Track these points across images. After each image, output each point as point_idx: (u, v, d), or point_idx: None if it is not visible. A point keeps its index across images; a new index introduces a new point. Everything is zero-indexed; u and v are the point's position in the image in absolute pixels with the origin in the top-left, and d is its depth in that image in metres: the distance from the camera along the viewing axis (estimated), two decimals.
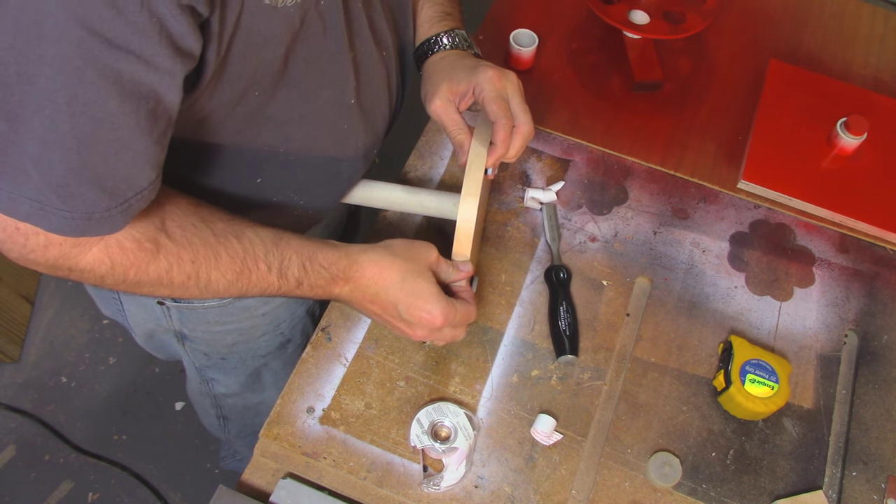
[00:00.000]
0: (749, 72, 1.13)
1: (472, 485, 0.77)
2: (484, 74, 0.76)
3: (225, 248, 0.64)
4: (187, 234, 0.62)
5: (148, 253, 0.60)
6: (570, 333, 0.85)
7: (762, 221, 0.99)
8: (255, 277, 0.66)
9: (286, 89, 0.66)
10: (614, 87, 1.10)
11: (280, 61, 0.62)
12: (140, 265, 0.60)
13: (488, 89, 0.76)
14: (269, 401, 1.12)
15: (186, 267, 0.62)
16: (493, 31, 1.12)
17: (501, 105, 0.76)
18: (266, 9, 0.56)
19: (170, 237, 0.61)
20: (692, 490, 0.79)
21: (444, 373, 0.83)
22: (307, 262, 0.69)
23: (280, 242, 0.68)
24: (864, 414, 0.84)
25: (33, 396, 1.72)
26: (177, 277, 0.62)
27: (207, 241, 0.63)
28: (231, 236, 0.65)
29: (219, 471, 1.64)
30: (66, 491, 1.60)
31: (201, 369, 1.04)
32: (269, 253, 0.67)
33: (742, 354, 0.82)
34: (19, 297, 1.78)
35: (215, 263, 0.64)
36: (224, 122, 0.65)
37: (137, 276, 0.61)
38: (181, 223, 0.62)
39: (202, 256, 0.63)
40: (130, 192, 0.55)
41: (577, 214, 0.97)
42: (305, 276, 0.69)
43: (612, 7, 1.06)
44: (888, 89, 1.13)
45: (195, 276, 0.63)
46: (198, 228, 0.63)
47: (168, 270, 0.61)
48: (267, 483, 0.77)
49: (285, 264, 0.68)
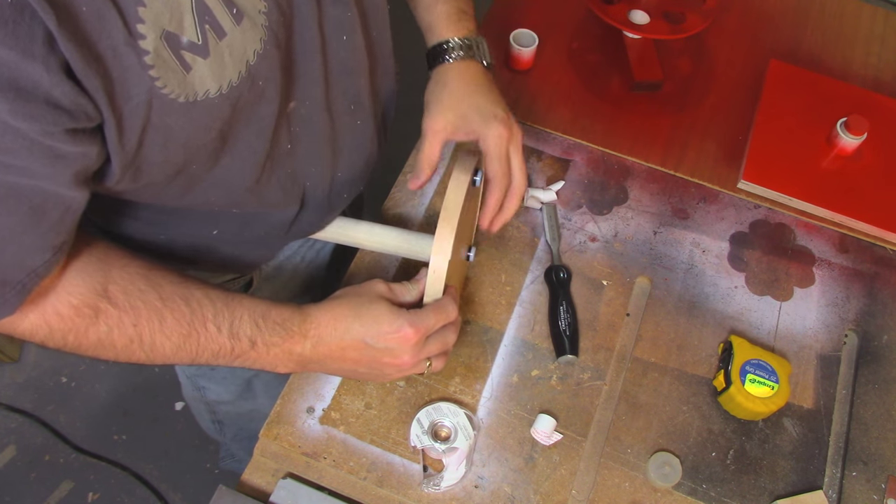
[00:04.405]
0: (749, 72, 1.13)
1: (472, 485, 0.77)
2: (495, 130, 0.75)
3: (171, 310, 0.62)
4: (131, 299, 0.60)
5: (86, 318, 0.59)
6: (570, 333, 0.85)
7: (762, 221, 0.99)
8: (203, 339, 0.63)
9: (228, 157, 0.63)
10: (614, 87, 1.10)
11: (216, 141, 0.59)
12: (79, 330, 0.59)
13: (493, 147, 0.75)
14: (262, 408, 1.12)
15: (128, 330, 0.60)
16: (493, 31, 1.12)
17: (503, 167, 0.76)
18: (181, 106, 0.52)
19: (111, 302, 0.59)
20: (692, 490, 0.79)
21: (444, 373, 0.83)
22: (260, 320, 0.66)
23: (231, 303, 0.65)
24: (864, 414, 0.84)
25: (33, 396, 1.72)
26: (118, 340, 0.61)
27: (153, 304, 0.61)
28: (178, 298, 0.62)
29: (219, 471, 1.65)
30: (66, 491, 1.60)
31: (192, 377, 1.04)
32: (219, 313, 0.64)
33: (742, 354, 0.82)
34: None
35: (159, 327, 0.61)
36: (164, 191, 0.63)
37: (77, 341, 0.59)
38: (125, 288, 0.60)
39: (145, 320, 0.61)
40: (22, 274, 0.53)
41: (577, 214, 0.97)
42: (259, 335, 0.65)
43: (612, 7, 1.06)
44: (888, 89, 1.13)
45: (138, 339, 0.61)
46: (143, 293, 0.61)
47: (108, 334, 0.60)
48: (267, 483, 0.77)
49: (236, 324, 0.65)
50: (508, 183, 0.77)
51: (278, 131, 0.65)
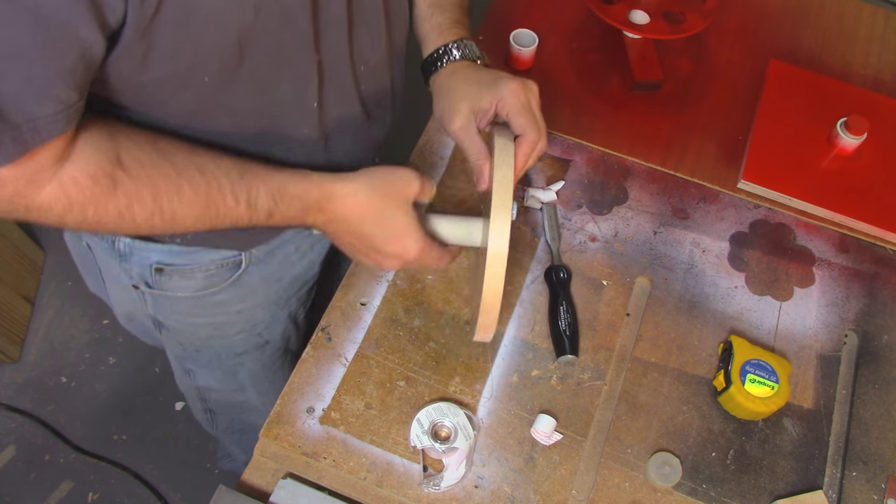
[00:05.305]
0: (749, 72, 1.13)
1: (472, 485, 0.77)
2: (507, 87, 0.74)
3: (188, 181, 0.62)
4: (145, 169, 0.61)
5: (105, 189, 0.59)
6: (570, 333, 0.85)
7: (762, 221, 0.99)
8: (222, 210, 0.65)
9: (242, 82, 0.64)
10: (614, 87, 1.10)
11: (232, 48, 0.60)
12: (98, 202, 0.59)
13: (512, 101, 0.74)
14: (253, 401, 1.12)
15: (148, 203, 0.61)
16: (493, 31, 1.12)
17: (528, 116, 0.74)
18: None
19: (127, 173, 0.60)
20: (692, 490, 0.78)
21: (444, 373, 0.83)
22: (276, 194, 0.67)
23: (246, 174, 0.66)
24: (864, 414, 0.84)
25: (33, 396, 1.72)
26: (139, 214, 0.61)
27: (168, 175, 0.62)
28: (193, 168, 0.63)
29: (219, 471, 1.65)
30: (66, 491, 1.60)
31: (180, 359, 1.03)
32: (236, 185, 0.65)
33: (742, 354, 0.82)
34: (19, 297, 1.78)
35: (178, 199, 0.62)
36: (171, 101, 0.63)
37: (97, 215, 0.59)
38: (138, 157, 0.61)
39: (163, 191, 0.61)
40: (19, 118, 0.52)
41: (577, 214, 0.97)
42: (276, 208, 0.67)
43: (612, 7, 1.06)
44: (888, 89, 1.13)
45: (158, 212, 0.62)
46: (156, 162, 0.61)
47: (129, 207, 0.60)
48: (267, 483, 0.77)
49: (253, 195, 0.66)
50: (538, 135, 0.75)
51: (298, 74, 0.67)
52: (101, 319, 1.83)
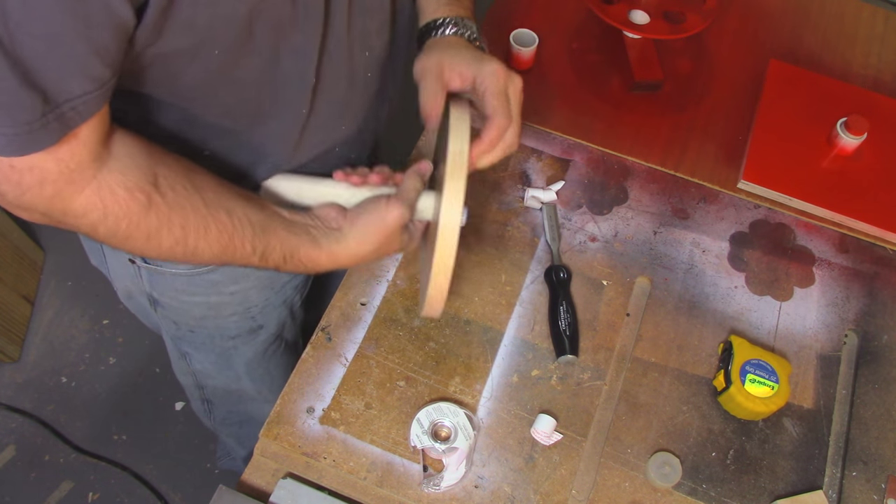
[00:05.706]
0: (749, 72, 1.13)
1: (472, 485, 0.77)
2: (490, 66, 0.73)
3: (215, 220, 0.65)
4: (179, 198, 0.62)
5: (139, 205, 0.60)
6: (570, 333, 0.85)
7: (762, 221, 0.99)
8: (238, 255, 0.68)
9: (251, 57, 0.64)
10: (614, 87, 1.10)
11: (242, 21, 0.60)
12: (132, 217, 0.60)
13: (491, 81, 0.72)
14: (248, 389, 1.13)
15: (176, 231, 0.63)
16: (493, 31, 1.12)
17: (503, 102, 0.73)
18: None
19: (162, 196, 0.61)
20: (692, 490, 0.79)
21: (444, 373, 0.83)
22: (288, 255, 0.70)
23: (267, 230, 0.69)
24: (864, 414, 0.84)
25: (33, 396, 1.72)
26: (166, 240, 0.63)
27: (198, 209, 0.64)
28: (222, 210, 0.65)
29: (219, 471, 1.64)
30: (66, 491, 1.60)
31: (175, 340, 1.03)
32: (256, 237, 0.68)
33: (742, 354, 0.82)
34: (19, 297, 1.78)
35: (204, 234, 0.64)
36: (179, 75, 0.63)
37: (129, 230, 0.61)
38: (173, 184, 0.62)
39: (192, 225, 0.63)
40: (62, 97, 0.53)
41: (577, 214, 0.97)
42: (284, 265, 0.71)
43: (612, 7, 1.06)
44: (888, 89, 1.13)
45: (183, 241, 0.64)
46: (189, 194, 0.63)
47: (158, 230, 0.62)
48: (267, 483, 0.77)
49: (268, 251, 0.69)
50: (508, 122, 0.73)
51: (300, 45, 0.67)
52: (101, 319, 1.83)
